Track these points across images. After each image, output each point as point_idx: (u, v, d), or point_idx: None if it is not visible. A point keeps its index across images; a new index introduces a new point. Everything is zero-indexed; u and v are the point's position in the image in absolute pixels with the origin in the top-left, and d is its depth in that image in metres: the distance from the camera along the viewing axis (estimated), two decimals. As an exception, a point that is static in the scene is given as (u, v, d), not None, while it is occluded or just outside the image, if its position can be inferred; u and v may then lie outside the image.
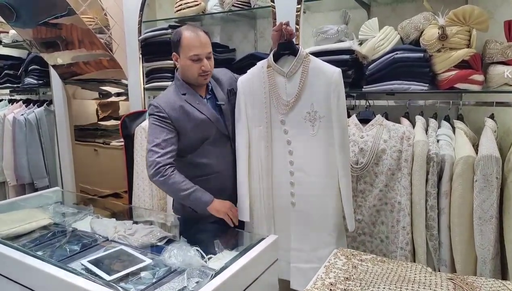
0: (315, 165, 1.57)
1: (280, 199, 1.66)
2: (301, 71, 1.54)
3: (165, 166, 1.54)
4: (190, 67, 1.59)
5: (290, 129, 1.60)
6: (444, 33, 1.68)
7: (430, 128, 1.72)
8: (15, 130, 3.33)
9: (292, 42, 1.57)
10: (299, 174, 1.60)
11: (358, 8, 2.12)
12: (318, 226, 1.59)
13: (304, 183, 1.60)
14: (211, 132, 1.66)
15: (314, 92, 1.54)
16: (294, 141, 1.60)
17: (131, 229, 1.71)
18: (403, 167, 1.61)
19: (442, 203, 1.59)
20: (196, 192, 1.57)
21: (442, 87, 1.75)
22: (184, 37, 1.56)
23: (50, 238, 1.65)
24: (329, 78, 1.50)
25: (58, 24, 2.69)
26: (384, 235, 1.69)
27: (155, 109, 1.60)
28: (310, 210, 1.60)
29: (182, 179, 1.57)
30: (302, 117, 1.57)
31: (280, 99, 1.59)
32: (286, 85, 1.58)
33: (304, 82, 1.54)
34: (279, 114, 1.60)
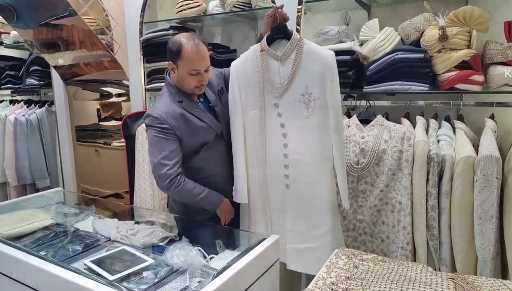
0: (309, 147, 1.60)
1: (275, 181, 1.68)
2: (295, 54, 1.56)
3: (176, 176, 1.58)
4: (189, 80, 1.59)
5: (284, 112, 1.61)
6: (444, 34, 1.69)
7: (431, 129, 1.72)
8: (17, 131, 3.33)
9: (286, 26, 1.59)
10: (293, 157, 1.62)
11: (359, 9, 2.12)
12: (313, 207, 1.62)
13: (299, 165, 1.62)
14: (210, 138, 1.69)
15: (308, 74, 1.55)
16: (287, 124, 1.62)
17: (133, 229, 1.72)
18: (403, 167, 1.62)
19: (443, 203, 1.59)
20: (208, 195, 1.66)
21: (442, 87, 1.76)
22: (185, 49, 1.54)
23: (53, 238, 1.66)
24: (324, 60, 1.53)
25: (59, 24, 2.70)
26: (385, 234, 1.70)
27: (156, 121, 1.57)
28: (304, 191, 1.62)
29: (193, 185, 1.63)
30: (296, 99, 1.58)
31: (274, 83, 1.60)
32: (279, 69, 1.59)
33: (297, 64, 1.55)
34: (273, 97, 1.62)
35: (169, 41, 1.60)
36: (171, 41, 1.60)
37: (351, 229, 1.77)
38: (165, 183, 1.57)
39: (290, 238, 1.69)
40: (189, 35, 1.59)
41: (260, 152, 1.68)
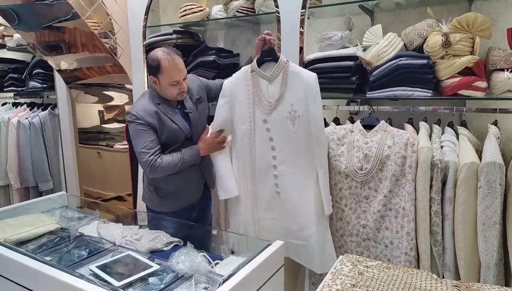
0: (296, 158, 1.75)
1: (266, 189, 1.82)
2: (282, 76, 1.71)
3: (156, 161, 1.74)
4: (170, 90, 1.77)
5: (272, 127, 1.76)
6: (447, 40, 1.70)
7: (434, 135, 1.73)
8: (20, 133, 3.34)
9: (274, 50, 1.75)
10: (282, 167, 1.77)
11: (362, 14, 2.13)
12: (301, 210, 1.76)
13: (287, 174, 1.77)
14: (180, 139, 1.85)
15: (293, 94, 1.70)
16: (276, 137, 1.76)
17: (137, 234, 1.73)
18: (407, 173, 1.63)
19: (446, 209, 1.60)
20: (185, 153, 1.80)
21: (445, 93, 1.76)
22: (164, 65, 1.72)
23: (58, 243, 1.67)
24: (307, 82, 1.68)
25: (61, 27, 2.71)
26: (389, 240, 1.71)
27: (134, 117, 1.76)
28: (293, 198, 1.78)
29: (170, 157, 1.78)
30: (284, 116, 1.73)
31: (263, 100, 1.75)
32: (268, 88, 1.74)
33: (285, 85, 1.71)
34: (262, 114, 1.76)
35: (147, 57, 1.79)
36: (149, 57, 1.77)
37: (355, 234, 1.78)
38: (148, 169, 1.74)
39: (287, 235, 1.82)
40: (165, 50, 1.77)
41: (249, 162, 1.83)
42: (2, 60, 3.78)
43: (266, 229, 1.85)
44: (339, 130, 1.84)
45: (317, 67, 2.01)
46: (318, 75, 2.01)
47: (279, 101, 1.72)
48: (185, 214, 1.92)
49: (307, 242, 1.77)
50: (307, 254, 1.80)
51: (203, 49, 2.44)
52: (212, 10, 2.43)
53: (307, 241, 1.77)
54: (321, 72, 1.99)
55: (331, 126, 1.94)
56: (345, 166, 1.76)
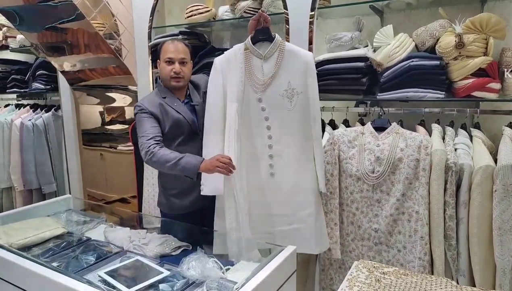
0: (292, 137, 1.73)
1: (260, 171, 1.77)
2: (278, 54, 1.70)
3: (151, 146, 1.68)
4: (164, 69, 1.81)
5: (267, 106, 1.73)
6: (461, 41, 1.67)
7: (448, 137, 1.70)
8: (23, 135, 3.31)
9: (269, 29, 1.72)
10: (277, 147, 1.74)
11: (371, 15, 2.10)
12: (297, 192, 1.74)
13: (283, 154, 1.74)
14: (184, 131, 1.83)
15: (290, 71, 1.69)
16: (271, 117, 1.73)
17: (145, 238, 1.70)
18: (420, 176, 1.60)
19: (461, 212, 1.57)
20: (186, 157, 1.64)
21: (458, 95, 1.74)
22: (164, 44, 1.83)
23: (65, 248, 1.64)
24: (304, 59, 1.69)
25: (64, 28, 2.68)
26: (401, 244, 1.68)
27: (138, 108, 1.80)
28: (289, 178, 1.74)
29: (169, 151, 1.68)
30: (280, 94, 1.71)
31: (257, 79, 1.72)
32: (262, 66, 1.72)
33: (280, 62, 1.70)
34: (256, 93, 1.72)
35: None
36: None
37: (366, 238, 1.75)
38: (143, 153, 1.69)
39: (277, 222, 1.79)
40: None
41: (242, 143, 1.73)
42: (5, 62, 3.76)
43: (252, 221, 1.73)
44: (349, 133, 1.81)
45: (327, 68, 1.98)
46: (328, 77, 2.00)
47: (273, 79, 1.70)
48: (196, 217, 1.87)
49: (304, 223, 1.74)
50: (302, 238, 1.74)
51: (209, 50, 2.41)
52: (218, 11, 2.41)
53: (305, 222, 1.73)
54: (331, 73, 1.98)
55: (341, 129, 1.91)
56: (356, 168, 1.73)
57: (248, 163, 1.76)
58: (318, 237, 1.75)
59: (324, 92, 2.03)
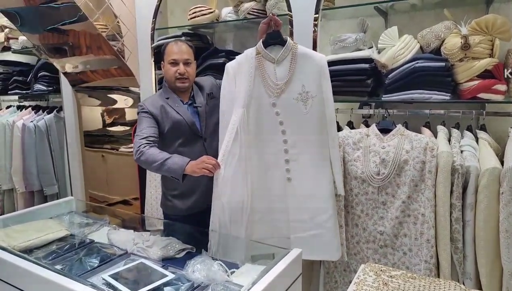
0: (308, 141, 1.70)
1: (276, 176, 1.73)
2: (291, 57, 1.67)
3: (143, 144, 1.67)
4: (169, 70, 1.82)
5: (282, 111, 1.70)
6: (467, 43, 1.66)
7: (453, 139, 1.69)
8: (25, 137, 3.30)
9: (280, 32, 1.70)
10: (293, 151, 1.71)
11: (375, 16, 2.09)
12: (315, 196, 1.70)
13: (299, 158, 1.71)
14: (184, 132, 1.82)
15: (304, 74, 1.67)
16: (286, 121, 1.70)
17: (149, 241, 1.69)
18: (426, 178, 1.59)
19: (467, 215, 1.56)
20: (172, 158, 1.63)
21: (464, 97, 1.73)
22: (168, 46, 1.84)
23: (68, 251, 1.63)
24: (318, 62, 1.67)
25: (67, 30, 2.68)
26: (407, 247, 1.66)
27: (140, 108, 1.82)
28: (306, 182, 1.71)
29: (158, 151, 1.66)
30: (294, 98, 1.68)
31: (270, 84, 1.69)
32: (275, 70, 1.68)
33: (294, 66, 1.67)
34: (270, 97, 1.69)
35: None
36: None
37: (371, 240, 1.73)
38: (134, 150, 1.68)
39: (294, 228, 1.74)
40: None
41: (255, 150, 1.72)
42: (7, 63, 3.75)
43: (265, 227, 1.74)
44: (354, 135, 1.80)
45: (331, 69, 1.94)
46: (332, 78, 1.97)
47: (288, 83, 1.67)
48: (199, 219, 1.86)
49: (322, 229, 1.69)
50: (322, 243, 1.70)
51: (212, 51, 2.40)
52: (221, 12, 2.40)
53: (323, 227, 1.69)
54: (335, 74, 1.96)
55: (345, 130, 1.90)
56: (362, 171, 1.72)
57: (264, 168, 1.73)
58: (338, 243, 1.71)
59: (328, 94, 2.03)
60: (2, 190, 3.53)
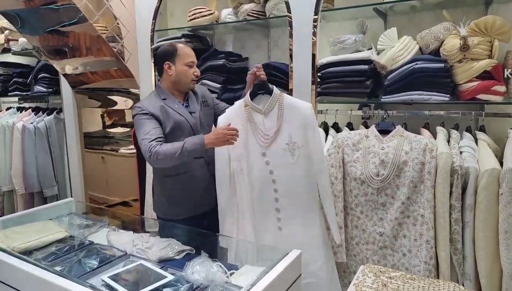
0: (297, 190, 1.71)
1: (269, 224, 1.75)
2: (278, 108, 1.70)
3: (153, 146, 1.66)
4: (187, 72, 1.82)
5: (271, 160, 1.72)
6: (466, 44, 1.67)
7: (453, 140, 1.69)
8: (24, 138, 3.31)
9: (266, 83, 1.73)
10: (283, 200, 1.73)
11: (374, 18, 2.10)
12: (306, 244, 1.67)
13: (289, 207, 1.73)
14: (185, 132, 1.82)
15: (291, 125, 1.69)
16: (276, 171, 1.72)
17: (148, 242, 1.69)
18: (426, 180, 1.59)
19: (467, 216, 1.56)
20: (188, 141, 1.66)
21: (463, 98, 1.73)
22: (180, 48, 1.82)
23: (68, 252, 1.62)
24: (304, 112, 1.68)
25: (67, 31, 2.68)
26: (407, 248, 1.66)
27: (139, 109, 1.77)
28: (296, 231, 1.72)
29: (169, 145, 1.68)
30: (282, 148, 1.71)
31: (260, 134, 1.72)
32: (264, 121, 1.72)
33: (281, 117, 1.70)
34: (260, 147, 1.73)
35: (160, 49, 1.87)
36: (162, 47, 1.87)
37: (371, 242, 1.73)
38: (147, 155, 1.66)
39: None
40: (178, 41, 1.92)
41: (247, 198, 1.75)
42: (6, 65, 3.76)
43: None
44: (353, 136, 1.81)
45: (330, 71, 1.98)
46: (332, 79, 2.00)
47: (277, 134, 1.70)
48: (196, 222, 1.86)
49: (315, 278, 1.70)
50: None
51: (212, 53, 2.41)
52: (221, 14, 2.41)
53: (316, 276, 1.70)
54: (335, 76, 1.97)
55: (345, 132, 1.90)
56: (361, 172, 1.72)
57: (259, 217, 1.76)
58: (332, 289, 1.72)
59: (328, 95, 2.03)
60: (2, 191, 3.53)
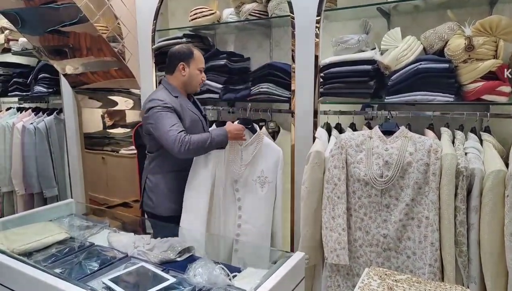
0: (260, 218, 1.96)
1: (226, 243, 1.91)
2: (256, 144, 1.96)
3: (184, 137, 1.76)
4: (198, 76, 1.97)
5: (240, 189, 1.96)
6: (471, 44, 1.65)
7: (457, 141, 1.67)
8: (24, 139, 3.29)
9: (251, 120, 2.01)
10: (245, 226, 1.95)
11: (378, 17, 2.08)
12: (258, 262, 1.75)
13: (250, 233, 1.95)
14: (199, 129, 1.96)
15: (264, 161, 1.96)
16: (243, 199, 1.96)
17: (149, 244, 1.67)
18: (430, 181, 1.57)
19: (472, 218, 1.54)
20: (213, 133, 1.84)
21: (468, 98, 1.71)
22: (195, 53, 1.95)
23: (68, 254, 1.60)
24: (277, 154, 1.98)
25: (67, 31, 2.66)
26: (411, 250, 1.64)
27: (160, 102, 1.82)
28: (250, 253, 1.86)
29: (198, 135, 1.82)
30: (253, 180, 1.96)
31: (236, 164, 1.94)
32: (242, 153, 1.95)
33: (257, 153, 1.95)
34: (234, 175, 1.95)
35: (176, 49, 1.97)
36: (179, 47, 1.98)
37: (375, 244, 1.71)
38: (178, 145, 1.74)
39: None
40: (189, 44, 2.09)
41: (217, 224, 1.97)
42: (7, 65, 3.74)
43: None
44: (357, 137, 1.78)
45: (333, 71, 1.96)
46: (334, 80, 1.98)
47: (249, 166, 1.94)
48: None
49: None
50: None
51: (214, 53, 2.39)
52: (223, 14, 2.39)
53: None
54: (338, 76, 1.95)
55: (348, 132, 1.88)
56: (364, 173, 1.70)
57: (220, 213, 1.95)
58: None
59: (331, 95, 2.02)
60: (2, 192, 3.51)
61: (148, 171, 2.00)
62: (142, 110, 1.91)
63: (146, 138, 1.97)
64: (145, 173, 2.02)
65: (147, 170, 2.01)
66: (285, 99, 2.18)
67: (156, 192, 2.00)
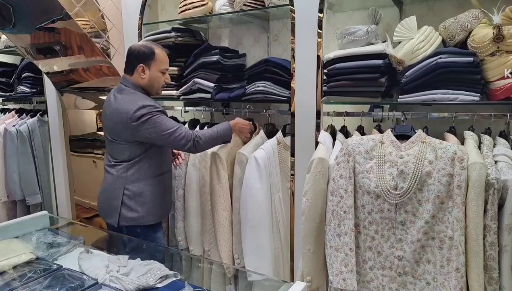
0: None
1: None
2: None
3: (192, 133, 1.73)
4: (159, 78, 1.81)
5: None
6: (500, 34, 1.41)
7: (485, 147, 1.44)
8: (6, 142, 3.08)
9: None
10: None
11: (388, 7, 1.85)
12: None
13: None
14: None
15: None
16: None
17: (126, 267, 1.44)
18: (455, 195, 1.33)
19: (504, 239, 1.30)
20: (218, 127, 1.83)
21: (496, 97, 1.48)
22: (157, 53, 1.78)
23: (29, 280, 1.37)
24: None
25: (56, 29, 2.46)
26: (431, 276, 1.41)
27: (151, 107, 1.70)
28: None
29: (204, 129, 1.84)
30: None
31: (288, 170, 1.93)
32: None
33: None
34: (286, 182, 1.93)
35: (135, 47, 1.78)
36: (138, 46, 1.79)
37: (388, 267, 1.47)
38: (189, 141, 1.71)
39: None
40: (150, 42, 1.87)
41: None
42: (-11, 64, 3.53)
43: None
44: (366, 142, 1.55)
45: (338, 67, 1.72)
46: (340, 77, 1.75)
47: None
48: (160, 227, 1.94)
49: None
50: None
51: (205, 48, 2.16)
52: (215, 5, 2.16)
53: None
54: (343, 73, 1.72)
55: (355, 137, 1.64)
56: (376, 184, 1.46)
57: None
58: None
59: (335, 94, 1.78)
60: (-16, 199, 3.30)
61: (124, 180, 1.77)
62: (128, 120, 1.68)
63: (125, 146, 1.75)
64: (120, 184, 1.79)
65: (122, 179, 1.78)
66: (284, 99, 1.95)
67: (139, 201, 1.79)
